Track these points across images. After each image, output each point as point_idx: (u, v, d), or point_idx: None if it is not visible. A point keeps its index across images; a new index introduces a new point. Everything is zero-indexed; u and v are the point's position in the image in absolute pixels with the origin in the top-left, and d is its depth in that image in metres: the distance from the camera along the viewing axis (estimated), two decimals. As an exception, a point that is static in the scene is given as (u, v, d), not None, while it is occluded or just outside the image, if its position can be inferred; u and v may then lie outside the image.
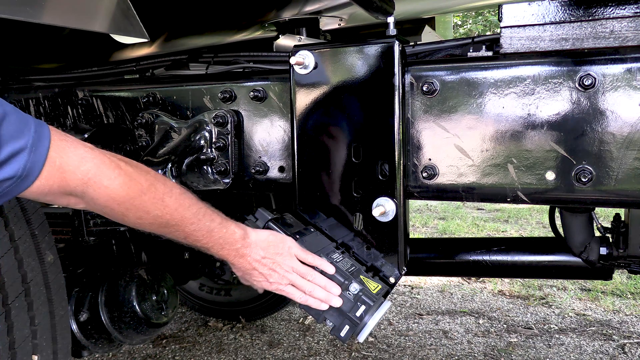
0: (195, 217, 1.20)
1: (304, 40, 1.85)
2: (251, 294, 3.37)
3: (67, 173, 0.98)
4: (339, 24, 2.15)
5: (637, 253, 1.69)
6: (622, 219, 1.74)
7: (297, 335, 3.35)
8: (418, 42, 1.53)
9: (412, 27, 2.57)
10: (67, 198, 1.02)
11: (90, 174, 1.01)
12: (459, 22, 13.25)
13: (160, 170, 1.50)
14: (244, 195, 2.40)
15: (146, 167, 1.16)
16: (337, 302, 1.30)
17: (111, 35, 1.76)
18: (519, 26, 1.32)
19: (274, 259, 1.30)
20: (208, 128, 1.57)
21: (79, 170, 0.99)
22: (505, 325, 3.50)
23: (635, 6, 1.23)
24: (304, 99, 1.44)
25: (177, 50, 2.08)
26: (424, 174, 1.38)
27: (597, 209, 1.66)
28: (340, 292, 1.31)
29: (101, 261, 1.86)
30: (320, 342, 3.25)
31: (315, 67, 1.41)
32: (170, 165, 1.51)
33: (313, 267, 1.33)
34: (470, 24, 13.61)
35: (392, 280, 1.40)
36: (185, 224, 1.18)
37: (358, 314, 1.29)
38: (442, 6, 2.41)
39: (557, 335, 3.33)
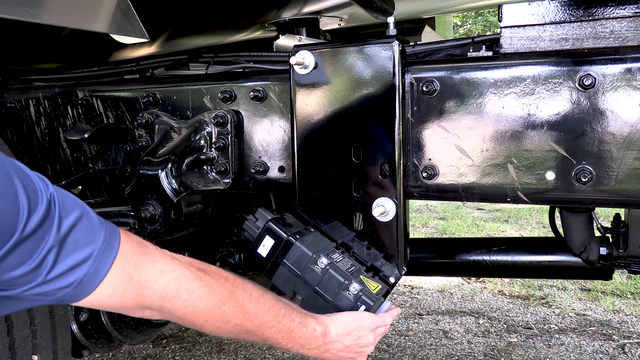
0: (275, 320, 1.14)
1: (304, 40, 1.85)
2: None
3: (145, 289, 0.93)
4: (339, 24, 2.15)
5: (637, 253, 1.69)
6: (622, 219, 1.74)
7: (297, 335, 3.35)
8: (418, 42, 1.53)
9: (412, 27, 2.57)
10: (143, 311, 0.98)
11: (168, 289, 0.96)
12: (459, 22, 13.24)
13: (160, 171, 1.50)
14: (244, 195, 2.39)
15: (225, 273, 1.10)
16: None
17: (111, 35, 1.76)
18: (519, 26, 1.32)
19: (358, 343, 1.26)
20: (208, 128, 1.57)
21: (157, 285, 0.95)
22: (505, 325, 3.50)
23: (635, 6, 1.23)
24: (304, 99, 1.44)
25: (177, 50, 2.08)
26: (424, 174, 1.37)
27: (597, 209, 1.66)
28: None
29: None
30: (320, 342, 3.24)
31: (315, 67, 1.41)
32: (170, 165, 1.51)
33: None
34: (470, 24, 13.60)
35: (392, 280, 1.40)
36: (264, 328, 1.12)
37: (358, 314, 1.29)
38: (442, 6, 2.41)
39: (557, 335, 3.33)
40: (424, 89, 1.35)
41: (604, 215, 4.68)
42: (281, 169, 1.56)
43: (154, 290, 0.94)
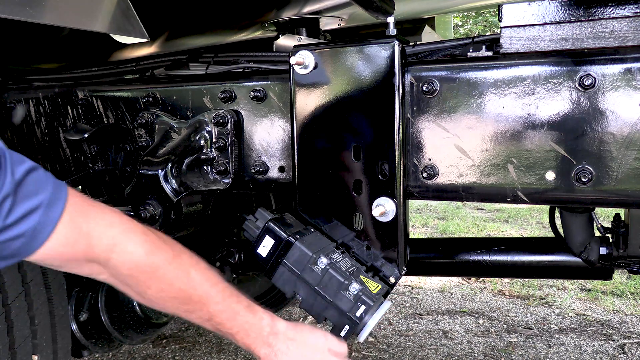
0: (221, 296, 1.13)
1: (304, 40, 1.85)
2: (250, 293, 3.37)
3: (94, 239, 0.96)
4: (339, 24, 2.15)
5: (637, 253, 1.69)
6: (622, 219, 1.74)
7: (297, 335, 3.34)
8: (418, 42, 1.53)
9: (412, 27, 2.57)
10: (90, 266, 0.99)
11: (116, 240, 0.99)
12: (459, 23, 13.24)
13: (160, 171, 1.50)
14: (244, 195, 2.39)
15: (173, 240, 1.11)
16: None
17: (111, 35, 1.76)
18: (519, 26, 1.32)
19: (306, 347, 1.21)
20: (208, 128, 1.57)
21: (105, 236, 0.97)
22: (505, 325, 3.50)
23: (635, 6, 1.23)
24: (304, 99, 1.43)
25: (177, 50, 2.08)
26: (424, 174, 1.37)
27: (597, 209, 1.66)
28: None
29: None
30: (320, 342, 3.24)
31: (315, 67, 1.41)
32: (170, 165, 1.51)
33: None
34: (470, 24, 13.60)
35: (392, 280, 1.40)
36: (209, 302, 1.11)
37: (358, 314, 1.29)
38: (442, 6, 2.41)
39: (557, 335, 3.33)
40: (424, 89, 1.35)
41: (604, 215, 4.68)
42: (281, 169, 1.56)
43: (102, 240, 0.97)
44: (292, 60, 1.40)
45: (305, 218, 1.48)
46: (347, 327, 1.29)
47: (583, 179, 1.23)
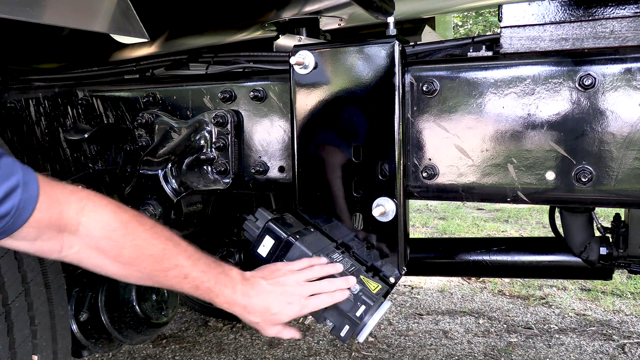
0: (190, 250, 1.16)
1: (304, 40, 1.85)
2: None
3: (64, 204, 1.01)
4: (339, 24, 2.15)
5: (637, 253, 1.69)
6: (622, 219, 1.74)
7: (297, 335, 3.34)
8: (418, 42, 1.53)
9: (412, 27, 2.57)
10: (61, 238, 1.02)
11: (83, 203, 1.04)
12: (459, 23, 13.24)
13: (160, 171, 1.50)
14: (244, 195, 2.39)
15: None
16: (352, 281, 1.28)
17: (111, 35, 1.76)
18: (519, 26, 1.32)
19: (276, 278, 1.24)
20: (208, 128, 1.57)
21: (72, 200, 1.02)
22: (505, 325, 3.50)
23: (635, 6, 1.23)
24: (304, 99, 1.44)
25: (177, 50, 2.08)
26: (424, 174, 1.38)
27: (597, 209, 1.66)
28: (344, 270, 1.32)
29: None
30: (320, 342, 3.25)
31: (315, 67, 1.41)
32: (170, 165, 1.51)
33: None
34: (470, 24, 13.60)
35: (392, 280, 1.40)
36: (181, 257, 1.13)
37: (358, 314, 1.29)
38: (442, 6, 2.41)
39: (557, 335, 3.33)
40: (424, 89, 1.35)
41: (604, 215, 4.67)
42: (281, 169, 1.56)
43: (71, 205, 1.01)
44: (292, 60, 1.40)
45: (305, 218, 1.48)
46: (347, 327, 1.29)
47: (583, 179, 1.23)
